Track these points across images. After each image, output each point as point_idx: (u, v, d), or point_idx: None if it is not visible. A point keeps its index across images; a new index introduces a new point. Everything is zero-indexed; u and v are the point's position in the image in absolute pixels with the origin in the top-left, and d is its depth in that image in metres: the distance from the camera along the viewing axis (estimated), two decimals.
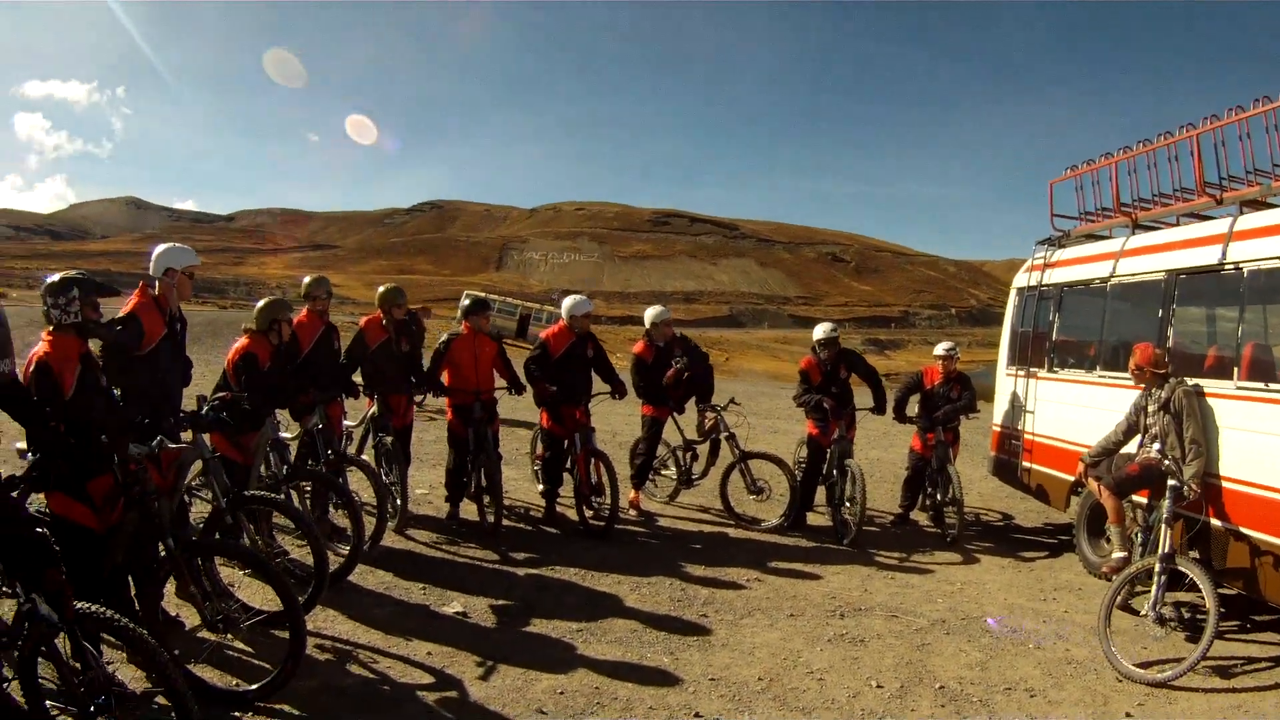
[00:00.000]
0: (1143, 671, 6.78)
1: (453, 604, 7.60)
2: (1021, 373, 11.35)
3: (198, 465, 6.65)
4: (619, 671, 6.49)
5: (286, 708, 5.65)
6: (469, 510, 10.26)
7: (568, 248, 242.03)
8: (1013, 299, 11.96)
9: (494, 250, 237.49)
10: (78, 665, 4.61)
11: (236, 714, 5.53)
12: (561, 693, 6.10)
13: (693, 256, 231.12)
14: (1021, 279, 11.83)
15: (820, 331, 11.24)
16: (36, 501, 5.86)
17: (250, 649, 6.36)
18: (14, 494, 4.82)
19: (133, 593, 6.00)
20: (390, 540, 9.13)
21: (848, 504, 10.55)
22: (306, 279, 9.69)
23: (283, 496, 7.81)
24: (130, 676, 5.37)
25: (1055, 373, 10.81)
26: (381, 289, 10.20)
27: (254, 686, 5.67)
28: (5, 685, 4.59)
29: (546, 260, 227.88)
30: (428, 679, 6.26)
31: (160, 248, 7.29)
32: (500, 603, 7.76)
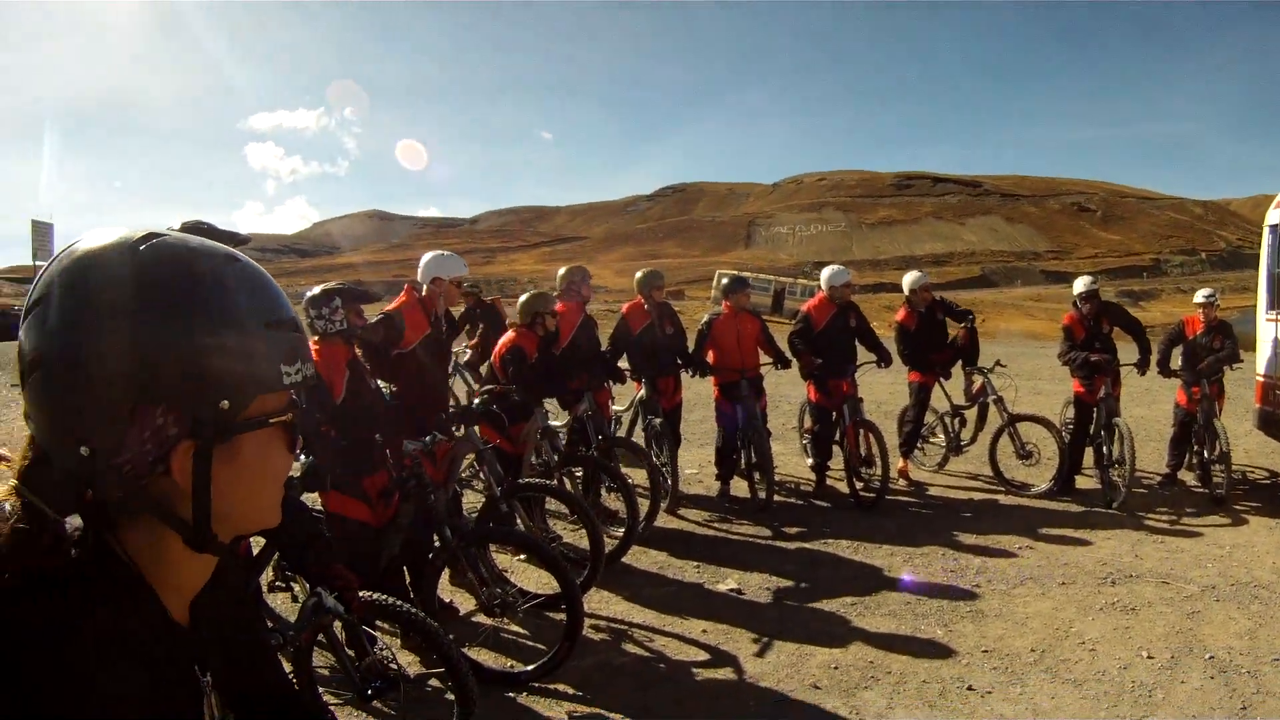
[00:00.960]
0: None
1: (727, 581, 7.53)
2: None
3: (470, 457, 6.86)
4: (893, 644, 6.33)
5: (562, 687, 5.72)
6: (740, 487, 10.17)
7: (814, 219, 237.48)
8: (1266, 238, 11.14)
9: (740, 228, 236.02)
10: (351, 653, 4.96)
11: (511, 694, 5.63)
12: (835, 667, 5.97)
13: (938, 217, 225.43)
14: (1275, 215, 11.03)
15: (1080, 285, 10.82)
16: (310, 501, 6.04)
17: (525, 632, 6.46)
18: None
19: (407, 582, 6.20)
20: (663, 521, 9.11)
21: (1116, 465, 10.11)
22: (563, 270, 9.76)
23: (555, 483, 7.91)
24: (404, 661, 5.49)
25: None
26: (640, 273, 10.25)
27: (530, 667, 5.75)
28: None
29: (794, 233, 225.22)
30: (703, 656, 6.21)
31: (428, 256, 7.42)
32: (773, 578, 7.63)
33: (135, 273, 1.13)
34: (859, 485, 10.07)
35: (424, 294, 7.23)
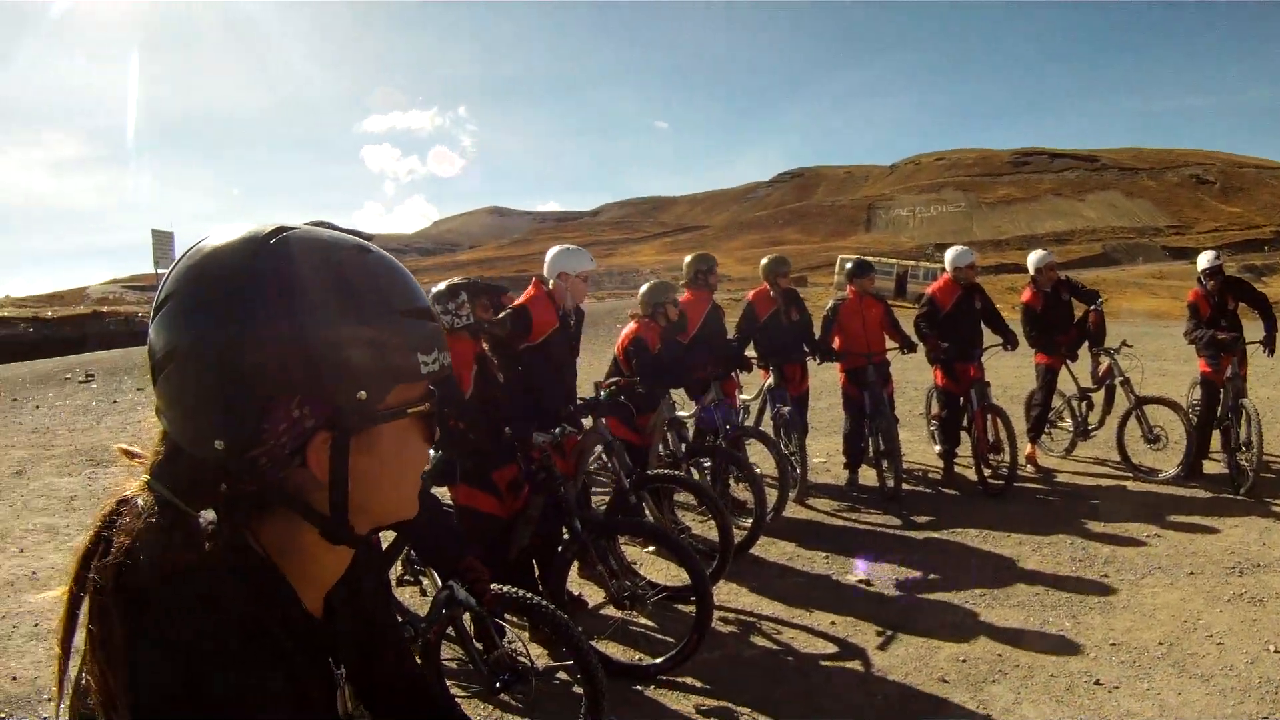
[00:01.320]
0: None
1: (855, 572, 7.43)
2: None
3: (598, 449, 6.86)
4: (1020, 638, 6.17)
5: (690, 680, 5.67)
6: (868, 476, 10.03)
7: (933, 200, 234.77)
8: None
9: (860, 211, 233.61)
10: (480, 646, 4.99)
11: (638, 687, 5.60)
12: (963, 660, 5.85)
13: (1057, 194, 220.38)
14: None
15: (1204, 261, 10.40)
16: (440, 494, 6.07)
17: (653, 625, 6.43)
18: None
19: (536, 575, 6.19)
20: (791, 510, 9.02)
21: (1243, 449, 9.71)
22: (688, 258, 9.65)
23: (684, 473, 7.86)
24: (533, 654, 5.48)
25: None
26: (765, 260, 10.14)
27: (658, 660, 5.69)
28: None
29: (914, 215, 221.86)
30: (831, 649, 6.11)
31: (554, 250, 7.35)
32: (902, 569, 7.49)
33: (267, 266, 1.13)
34: (987, 472, 9.88)
35: (551, 288, 7.18)
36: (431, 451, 5.54)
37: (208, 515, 1.11)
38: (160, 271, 21.36)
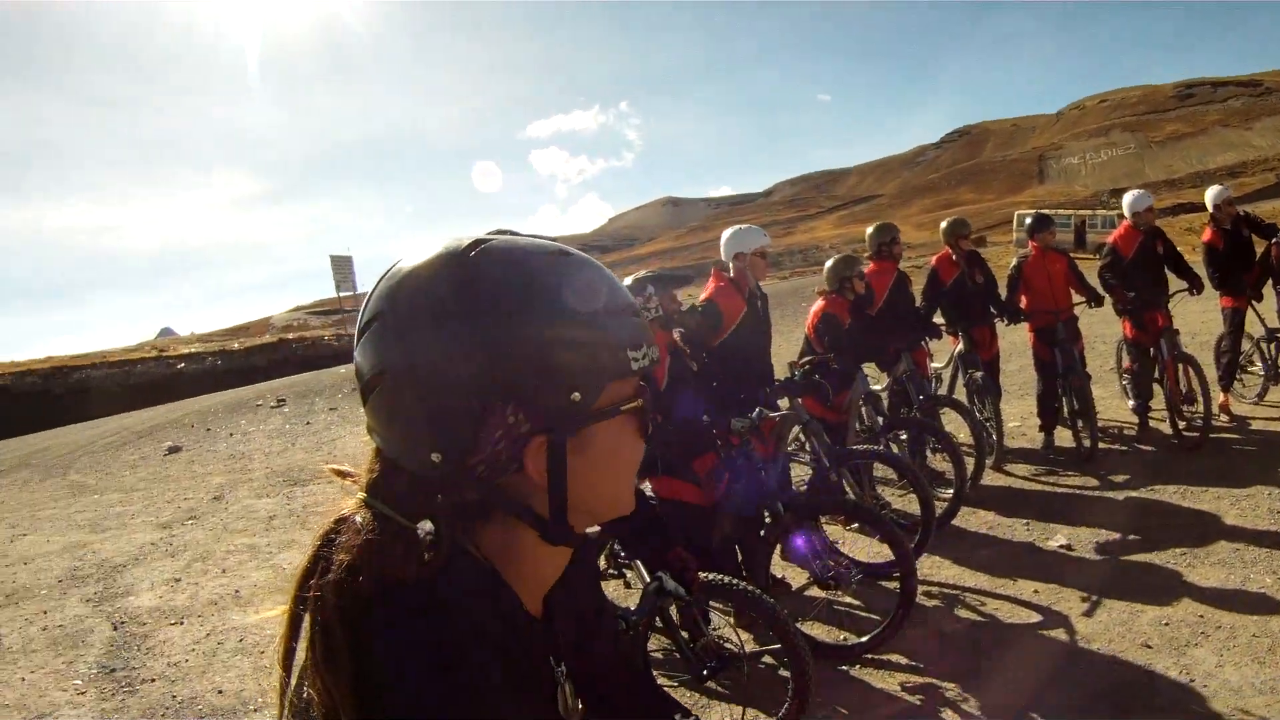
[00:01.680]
0: None
1: (1056, 538, 7.22)
2: None
3: (795, 429, 6.83)
4: (1222, 598, 5.92)
5: (895, 657, 5.62)
6: (1063, 437, 9.73)
7: (1102, 144, 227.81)
8: None
9: (1031, 164, 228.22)
10: (686, 634, 4.87)
11: (844, 667, 5.60)
12: (1166, 624, 5.66)
13: (1225, 125, 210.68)
14: None
15: (1214, 195, 10.13)
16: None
17: (857, 603, 6.39)
18: None
19: (739, 560, 6.18)
20: (989, 478, 8.86)
21: None
22: (870, 230, 9.53)
23: (882, 448, 7.76)
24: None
25: None
26: (945, 223, 10.00)
27: (864, 639, 5.67)
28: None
29: (1085, 162, 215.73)
30: (1034, 618, 5.99)
31: (727, 233, 7.26)
32: (1103, 532, 7.27)
33: (471, 277, 1.13)
34: (1181, 425, 9.46)
35: (732, 274, 7.11)
36: None
37: (425, 526, 1.13)
38: (341, 295, 22.03)
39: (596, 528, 1.27)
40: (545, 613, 1.29)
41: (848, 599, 6.39)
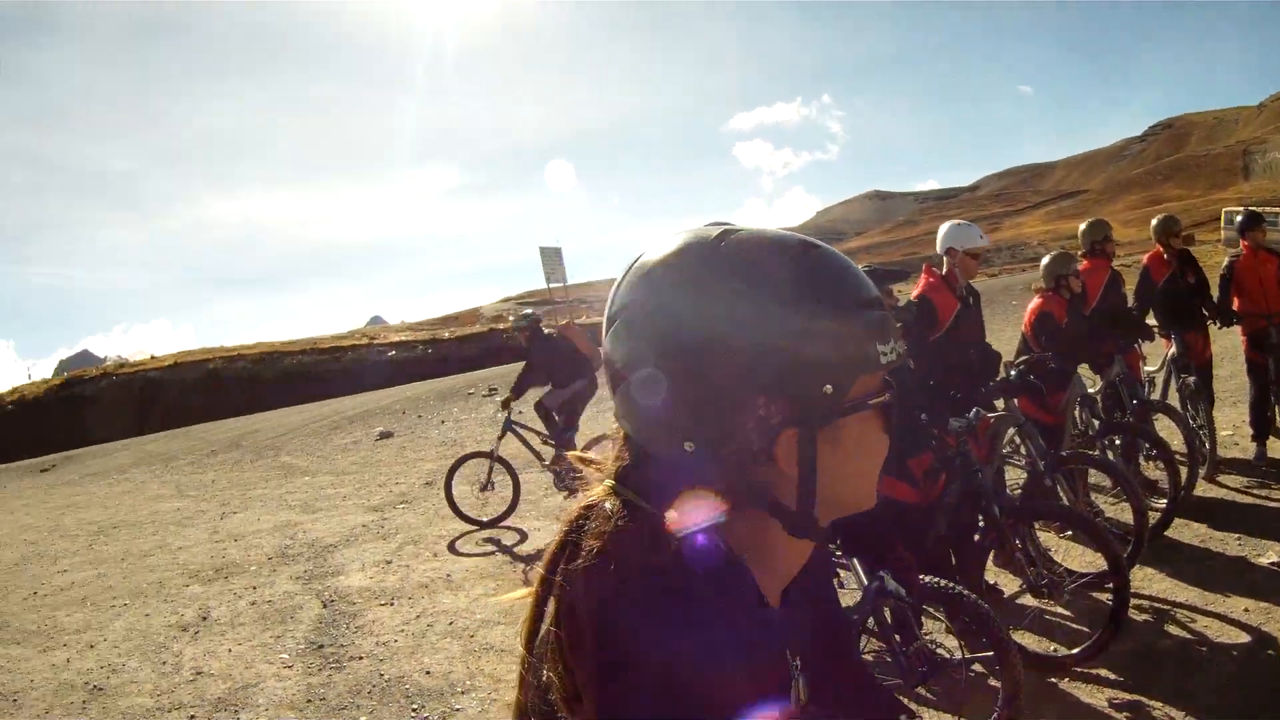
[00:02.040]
0: None
1: (1268, 554, 6.88)
2: None
3: (1011, 430, 6.77)
4: None
5: (1103, 671, 5.45)
6: (1276, 448, 9.30)
7: None
8: None
9: (1234, 158, 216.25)
10: (897, 637, 4.78)
11: (1052, 679, 5.46)
12: None
13: None
14: None
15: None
16: None
17: (1067, 613, 6.21)
18: None
19: (952, 563, 6.09)
20: (1201, 488, 8.51)
21: None
22: (1083, 226, 9.35)
23: (1097, 453, 7.61)
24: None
25: None
26: (1155, 220, 9.69)
27: (1074, 651, 5.51)
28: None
29: None
30: (1243, 638, 5.72)
31: (945, 226, 7.16)
32: None
33: (723, 268, 1.15)
34: None
35: (944, 269, 7.00)
36: None
37: (673, 515, 1.13)
38: (551, 286, 22.26)
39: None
40: (784, 605, 1.30)
41: (1057, 608, 6.22)
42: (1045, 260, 8.18)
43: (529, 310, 12.09)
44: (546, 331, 11.41)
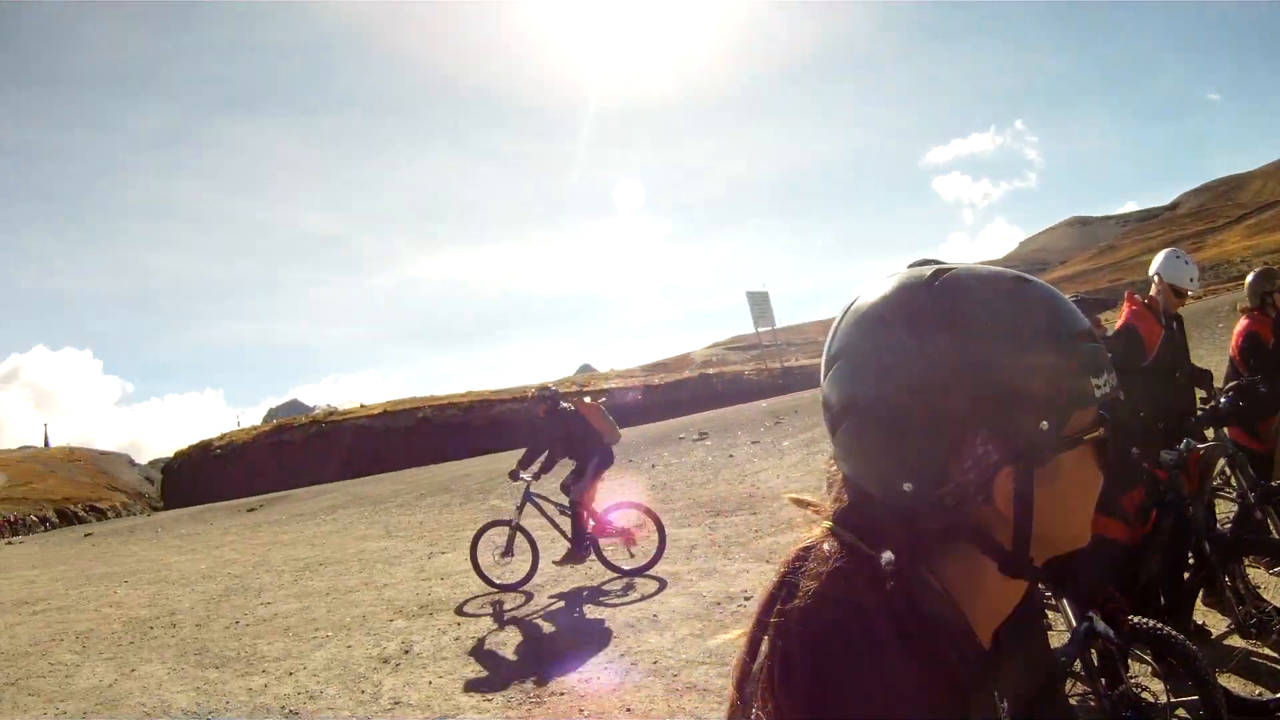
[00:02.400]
0: None
1: None
2: None
3: (1221, 462, 6.42)
4: None
5: None
6: None
7: None
8: None
9: None
10: (1103, 681, 4.59)
11: None
12: None
13: None
14: None
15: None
16: None
17: (1273, 654, 5.89)
18: None
19: (1160, 603, 5.80)
20: None
21: None
22: (1249, 277, 8.63)
23: None
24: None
25: None
26: None
27: (1278, 695, 5.23)
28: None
29: None
30: None
31: (1162, 254, 7.02)
32: None
33: (940, 307, 1.15)
34: None
35: (1151, 293, 6.80)
36: None
37: (888, 556, 1.13)
38: (760, 330, 22.56)
39: None
40: (994, 646, 1.25)
41: (1265, 649, 5.91)
42: (1249, 278, 7.88)
43: (551, 386, 12.36)
44: (563, 405, 11.56)
